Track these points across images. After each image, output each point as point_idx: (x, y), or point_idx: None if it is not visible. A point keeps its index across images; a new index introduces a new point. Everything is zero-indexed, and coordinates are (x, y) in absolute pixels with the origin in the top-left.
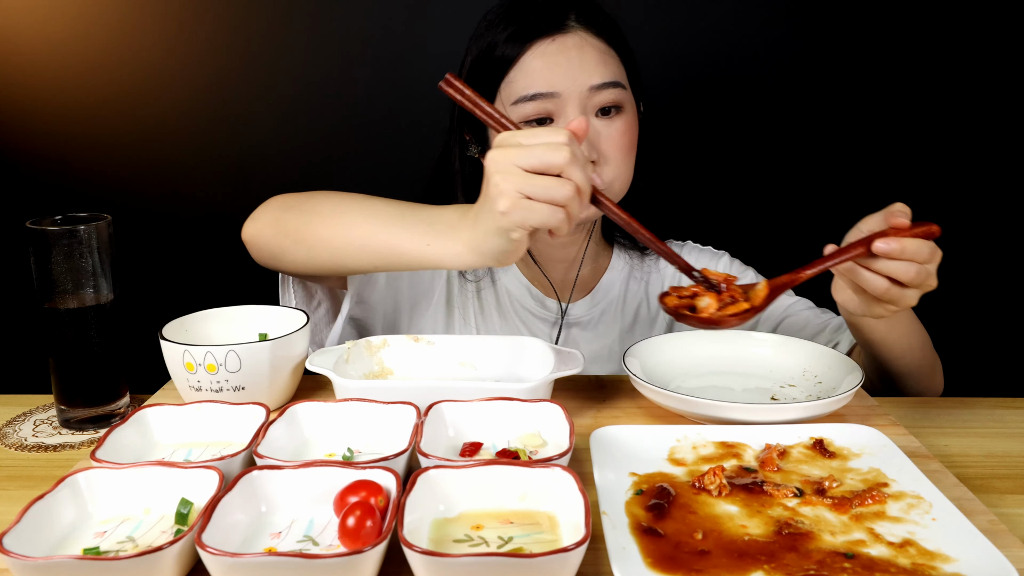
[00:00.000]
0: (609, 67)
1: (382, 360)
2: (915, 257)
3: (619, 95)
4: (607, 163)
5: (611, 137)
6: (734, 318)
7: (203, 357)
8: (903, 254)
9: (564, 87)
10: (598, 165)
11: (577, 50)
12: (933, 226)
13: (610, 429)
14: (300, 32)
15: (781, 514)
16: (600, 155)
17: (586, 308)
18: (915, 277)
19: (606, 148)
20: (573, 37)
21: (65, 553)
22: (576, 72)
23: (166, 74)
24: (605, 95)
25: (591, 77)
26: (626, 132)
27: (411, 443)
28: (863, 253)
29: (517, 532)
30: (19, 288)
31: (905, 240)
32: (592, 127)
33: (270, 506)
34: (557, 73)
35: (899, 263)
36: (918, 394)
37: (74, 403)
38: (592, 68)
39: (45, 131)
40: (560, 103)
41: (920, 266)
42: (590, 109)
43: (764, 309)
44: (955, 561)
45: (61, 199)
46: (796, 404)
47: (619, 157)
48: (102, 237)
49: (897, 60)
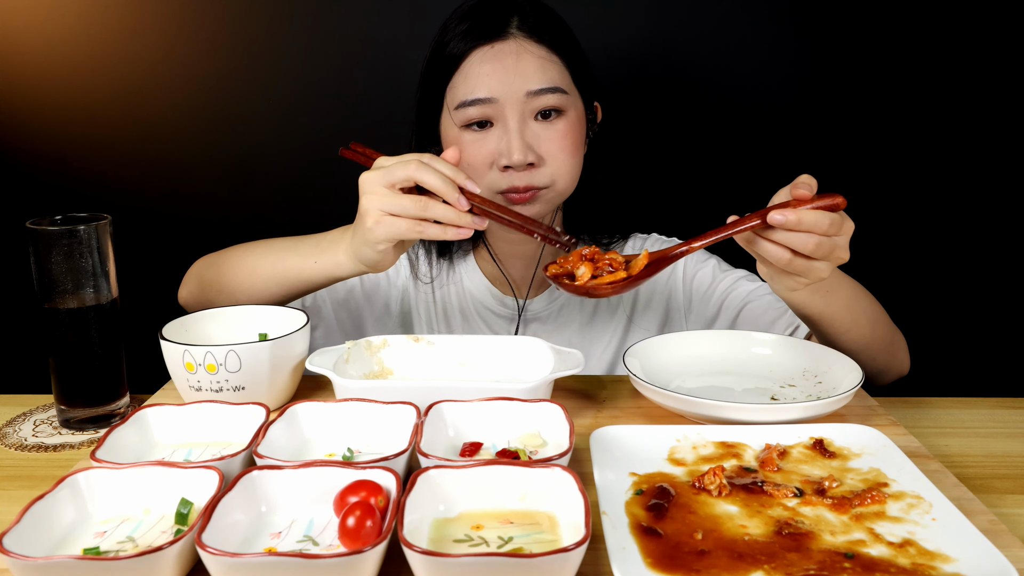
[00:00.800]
0: (548, 73)
1: (382, 360)
2: (813, 228)
3: (558, 99)
4: (546, 164)
5: (551, 139)
6: (608, 287)
7: (203, 357)
8: (799, 225)
9: (501, 93)
10: (537, 166)
11: (514, 57)
12: (838, 197)
13: (610, 429)
14: (300, 32)
15: (781, 514)
16: (539, 157)
17: (544, 303)
18: (816, 248)
19: (546, 149)
20: (512, 44)
21: (65, 553)
22: (512, 78)
23: (166, 74)
24: (543, 100)
25: (528, 83)
26: (567, 134)
27: (411, 443)
28: (761, 224)
29: (517, 532)
30: (19, 288)
31: (801, 211)
32: (531, 130)
33: (270, 506)
34: (495, 80)
35: (797, 234)
36: (879, 372)
37: (74, 403)
38: (530, 74)
39: (45, 131)
40: (499, 108)
41: (820, 237)
42: (528, 113)
43: (644, 278)
44: (955, 561)
45: (61, 199)
46: (796, 404)
47: (559, 157)
48: (102, 237)
49: (876, 56)
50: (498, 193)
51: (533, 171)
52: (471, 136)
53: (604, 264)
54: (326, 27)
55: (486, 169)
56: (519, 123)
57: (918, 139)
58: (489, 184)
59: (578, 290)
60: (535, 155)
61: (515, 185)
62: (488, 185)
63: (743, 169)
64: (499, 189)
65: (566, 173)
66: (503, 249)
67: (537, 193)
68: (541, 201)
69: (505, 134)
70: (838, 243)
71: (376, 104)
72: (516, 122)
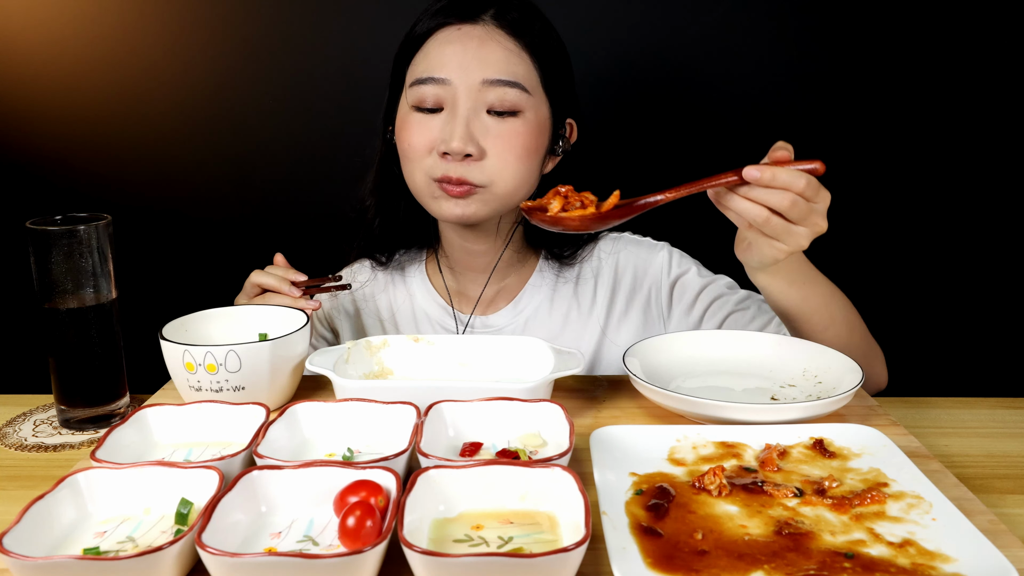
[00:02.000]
0: (511, 66)
1: (382, 360)
2: (789, 186)
3: (516, 96)
4: (487, 160)
5: (499, 135)
6: (575, 220)
7: (203, 357)
8: (774, 182)
9: (456, 76)
10: (476, 160)
11: (478, 42)
12: (816, 162)
13: (610, 429)
14: (300, 32)
15: (781, 514)
16: (480, 150)
17: (509, 317)
18: (791, 206)
19: (490, 145)
20: (479, 29)
21: (65, 553)
22: (471, 63)
23: (166, 74)
24: (498, 92)
25: (485, 71)
26: (518, 135)
27: (411, 443)
28: (737, 180)
29: (517, 532)
30: (19, 288)
31: (776, 168)
32: (481, 122)
33: (270, 506)
34: (453, 61)
35: (773, 191)
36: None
37: (74, 403)
38: (490, 63)
39: (45, 131)
40: (451, 92)
41: (796, 196)
42: (481, 104)
43: (614, 219)
44: (955, 561)
45: (61, 199)
46: (796, 404)
47: (504, 157)
48: (102, 237)
49: (873, 57)
50: (432, 181)
51: (470, 164)
52: (418, 117)
53: (576, 200)
54: (327, 27)
55: (424, 154)
56: (468, 111)
57: (919, 139)
58: (426, 170)
59: (547, 220)
60: (476, 147)
61: (448, 175)
62: (425, 171)
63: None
64: (434, 176)
65: (509, 176)
66: (460, 260)
67: (472, 190)
68: (476, 201)
69: (451, 120)
70: (815, 208)
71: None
72: (465, 109)
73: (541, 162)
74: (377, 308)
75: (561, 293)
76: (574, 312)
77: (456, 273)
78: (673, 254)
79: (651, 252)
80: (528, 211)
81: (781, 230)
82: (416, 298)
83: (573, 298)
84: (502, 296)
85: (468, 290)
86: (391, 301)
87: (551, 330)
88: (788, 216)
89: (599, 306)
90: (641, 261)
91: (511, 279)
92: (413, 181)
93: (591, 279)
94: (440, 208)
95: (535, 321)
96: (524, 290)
